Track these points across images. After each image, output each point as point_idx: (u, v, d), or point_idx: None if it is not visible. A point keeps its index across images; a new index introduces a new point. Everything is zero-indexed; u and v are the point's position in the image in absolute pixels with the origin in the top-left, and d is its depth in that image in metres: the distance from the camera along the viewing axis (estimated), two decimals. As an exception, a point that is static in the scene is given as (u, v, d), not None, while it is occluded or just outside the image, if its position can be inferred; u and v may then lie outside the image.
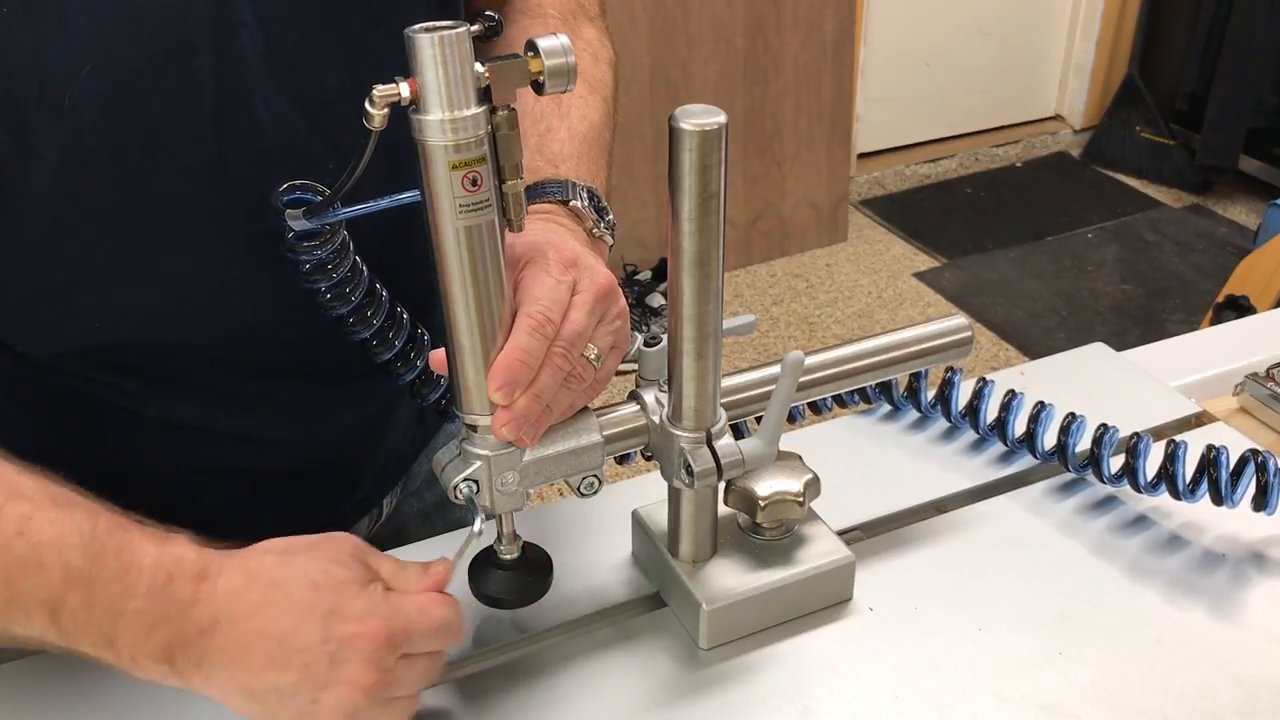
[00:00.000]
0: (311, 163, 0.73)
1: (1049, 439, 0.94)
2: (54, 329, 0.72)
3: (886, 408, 1.03)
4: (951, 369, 1.00)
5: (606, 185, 0.86)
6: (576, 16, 0.95)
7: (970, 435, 0.99)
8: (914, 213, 3.83)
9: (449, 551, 0.72)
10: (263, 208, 0.71)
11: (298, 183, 0.70)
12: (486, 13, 0.64)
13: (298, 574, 0.65)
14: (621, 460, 0.83)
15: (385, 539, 0.94)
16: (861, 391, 1.01)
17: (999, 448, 0.98)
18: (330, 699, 0.63)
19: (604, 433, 0.74)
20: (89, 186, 0.66)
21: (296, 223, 0.70)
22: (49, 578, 0.60)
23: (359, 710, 0.64)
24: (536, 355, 0.67)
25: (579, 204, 0.80)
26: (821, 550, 0.82)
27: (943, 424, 1.01)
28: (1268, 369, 1.06)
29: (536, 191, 0.80)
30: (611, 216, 0.83)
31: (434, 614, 0.67)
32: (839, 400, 0.99)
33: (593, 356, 0.69)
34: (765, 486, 0.79)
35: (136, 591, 0.61)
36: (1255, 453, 0.86)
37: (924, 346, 0.85)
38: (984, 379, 0.99)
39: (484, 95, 0.62)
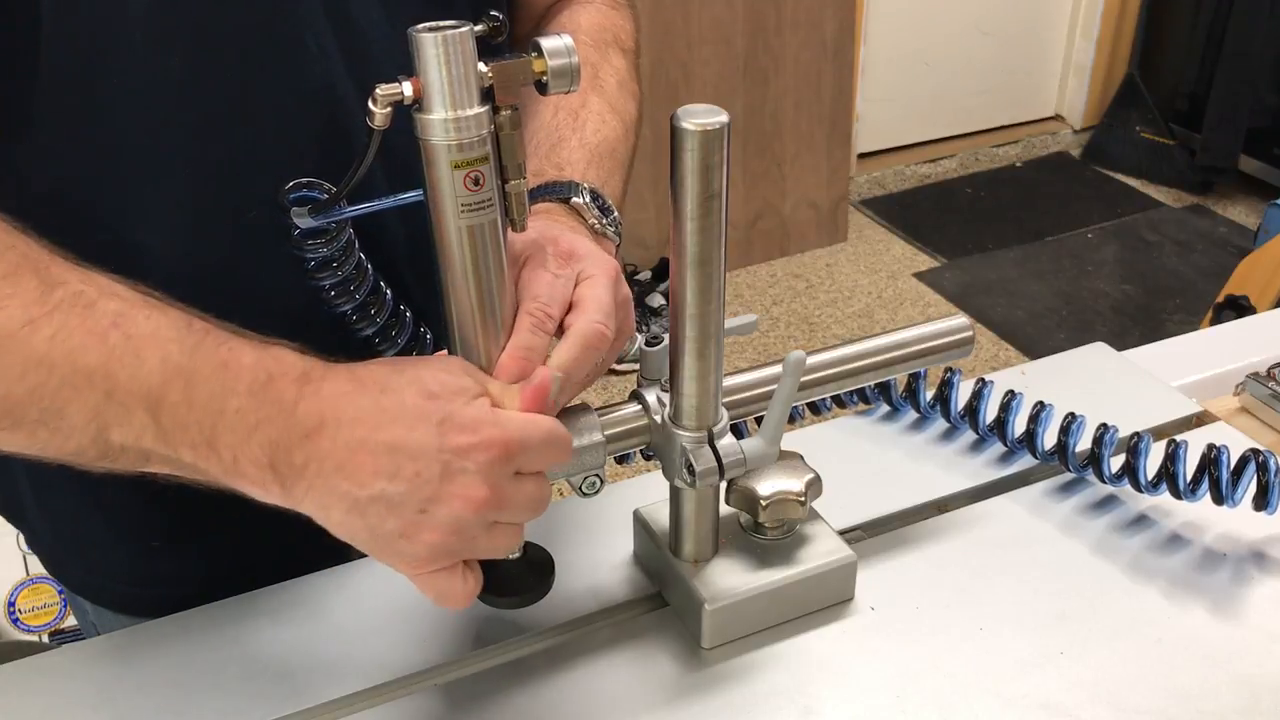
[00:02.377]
0: (345, 110, 0.75)
1: (1049, 439, 0.94)
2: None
3: (885, 408, 1.03)
4: (951, 369, 1.00)
5: (619, 196, 0.86)
6: (610, 46, 0.95)
7: (970, 435, 1.00)
8: (914, 213, 3.83)
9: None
10: (293, 150, 0.73)
11: (303, 180, 0.70)
12: (491, 12, 0.64)
13: (410, 380, 0.61)
14: (621, 460, 0.83)
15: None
16: (860, 392, 1.01)
17: (999, 447, 0.98)
18: (440, 512, 0.60)
19: (605, 432, 0.74)
20: (124, 97, 0.67)
21: (302, 220, 0.70)
22: (147, 369, 0.57)
23: (466, 527, 0.61)
24: (539, 352, 0.66)
25: (580, 200, 0.80)
26: (823, 550, 0.82)
27: (942, 424, 1.01)
28: (1268, 369, 1.06)
29: (540, 192, 0.80)
30: (617, 215, 0.83)
31: (543, 425, 0.64)
32: (838, 401, 0.99)
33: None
34: (767, 486, 0.79)
35: (237, 389, 0.58)
36: (1256, 452, 0.86)
37: (925, 346, 0.85)
38: (983, 379, 0.99)
39: (487, 95, 0.62)
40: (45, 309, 0.56)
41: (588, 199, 0.80)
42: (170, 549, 0.90)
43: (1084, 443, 0.93)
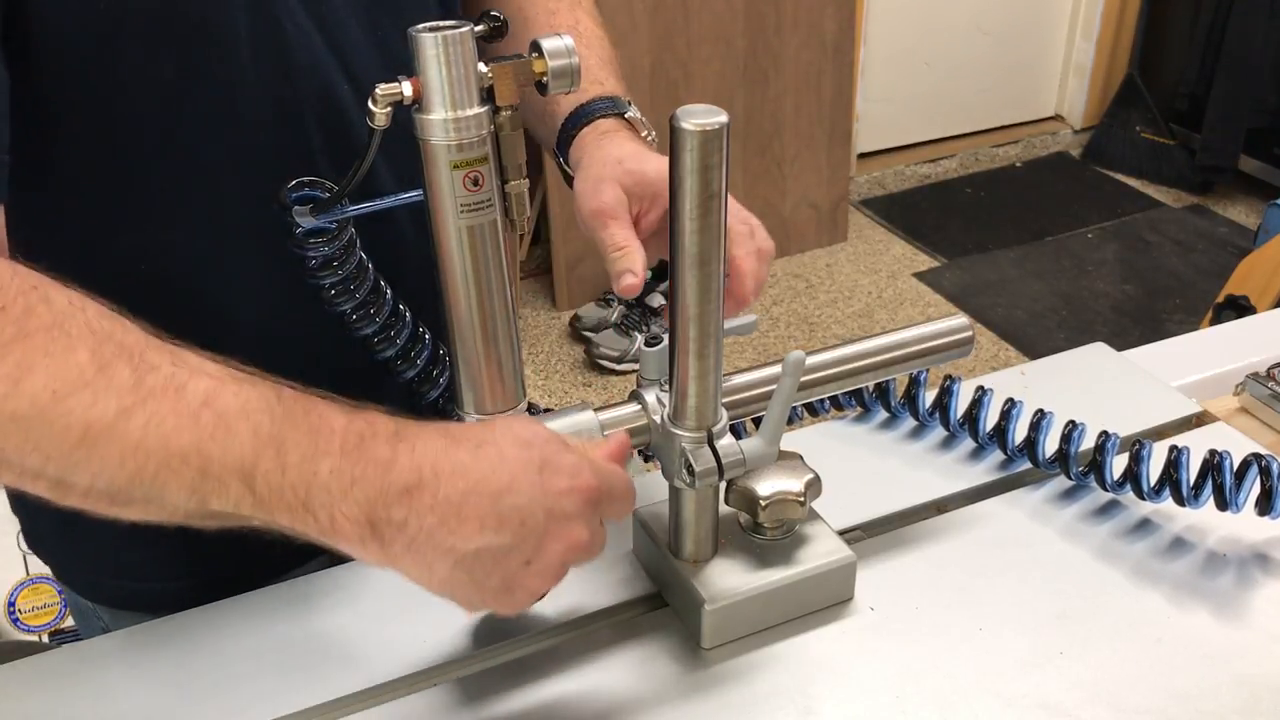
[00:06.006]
0: (330, 81, 0.77)
1: (1049, 447, 0.93)
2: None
3: (883, 415, 1.03)
4: (950, 377, 1.00)
5: None
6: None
7: (969, 442, 0.99)
8: (914, 213, 3.83)
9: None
10: (296, 134, 0.75)
11: (305, 179, 0.70)
12: (492, 13, 0.64)
13: (503, 433, 0.62)
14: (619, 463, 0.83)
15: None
16: (858, 396, 1.01)
17: (999, 453, 0.98)
18: (544, 559, 0.61)
19: (605, 432, 0.74)
20: (128, 99, 0.70)
21: (304, 219, 0.70)
22: (239, 441, 0.58)
23: (563, 569, 0.62)
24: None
25: (635, 115, 0.83)
26: (823, 550, 0.82)
27: (941, 431, 1.01)
28: (1268, 369, 1.06)
29: (588, 110, 0.82)
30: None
31: (624, 476, 0.66)
32: (835, 403, 0.99)
33: None
34: (766, 486, 0.79)
35: (330, 449, 0.59)
36: (1259, 456, 0.86)
37: (925, 346, 0.85)
38: (982, 387, 0.98)
39: (487, 95, 0.62)
40: (139, 397, 0.57)
41: (639, 113, 0.82)
42: (168, 543, 0.90)
43: (1084, 447, 0.92)
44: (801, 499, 0.80)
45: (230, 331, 0.79)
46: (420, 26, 0.59)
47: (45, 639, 1.92)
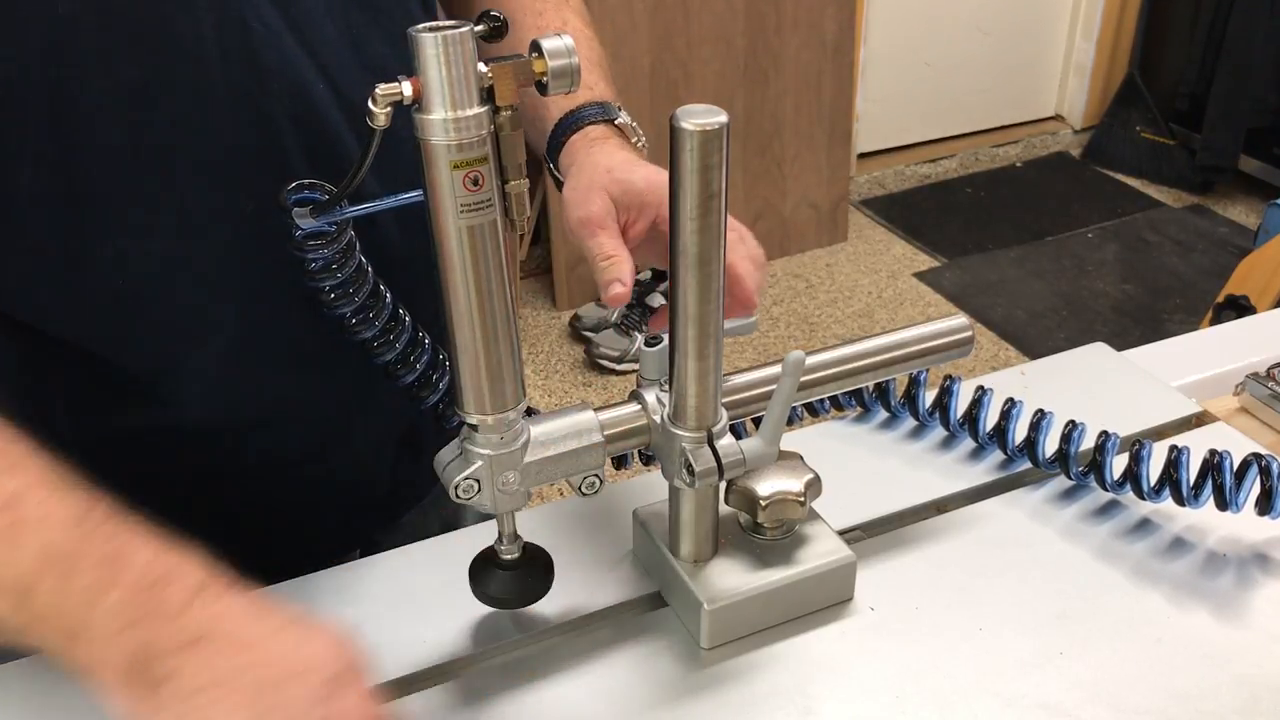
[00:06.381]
0: (304, 80, 0.76)
1: (1049, 447, 0.93)
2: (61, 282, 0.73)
3: (883, 415, 1.03)
4: (950, 377, 1.00)
5: None
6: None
7: (969, 442, 0.99)
8: (914, 213, 3.83)
9: (449, 552, 0.72)
10: (270, 134, 0.74)
11: (305, 181, 0.70)
12: (492, 13, 0.64)
13: (318, 627, 0.59)
14: (619, 465, 0.83)
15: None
16: (858, 396, 1.01)
17: (999, 453, 0.98)
18: None
19: (605, 432, 0.74)
20: (93, 107, 0.68)
21: (304, 221, 0.70)
22: (21, 555, 0.55)
23: None
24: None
25: (626, 121, 0.82)
26: (822, 550, 0.82)
27: (941, 431, 1.01)
28: (1268, 369, 1.06)
29: (577, 116, 0.82)
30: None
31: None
32: (835, 404, 0.99)
33: None
34: (766, 486, 0.79)
35: (119, 581, 0.55)
36: (1258, 456, 0.86)
37: (925, 346, 0.85)
38: (982, 387, 0.98)
39: (487, 95, 0.62)
40: None
41: (629, 119, 0.82)
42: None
43: (1084, 447, 0.92)
44: (801, 499, 0.80)
45: (208, 338, 0.80)
46: (420, 26, 0.59)
47: (45, 639, 1.91)
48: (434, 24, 0.59)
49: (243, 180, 0.76)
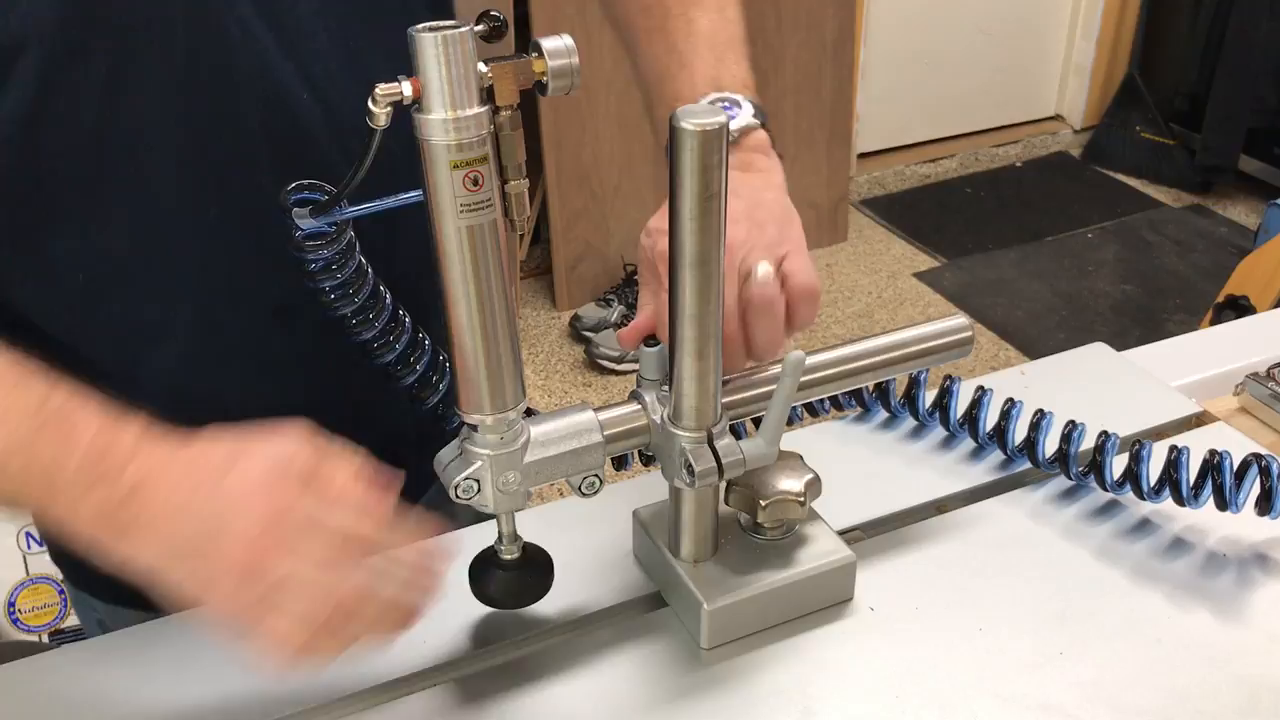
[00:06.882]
0: (284, 88, 0.76)
1: (1049, 447, 0.93)
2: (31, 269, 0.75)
3: (883, 415, 1.03)
4: (950, 377, 1.00)
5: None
6: None
7: (969, 442, 0.99)
8: (914, 213, 3.83)
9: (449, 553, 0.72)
10: (239, 140, 0.74)
11: (305, 182, 0.70)
12: (492, 12, 0.64)
13: (253, 438, 0.65)
14: (619, 465, 0.83)
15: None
16: (858, 396, 1.01)
17: (999, 453, 0.98)
18: (228, 549, 0.62)
19: (605, 432, 0.74)
20: (59, 102, 0.69)
21: (304, 221, 0.70)
22: None
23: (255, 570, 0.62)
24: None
25: (746, 121, 0.85)
26: (822, 550, 0.82)
27: (941, 431, 1.01)
28: (1268, 369, 1.06)
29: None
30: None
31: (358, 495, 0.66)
32: (835, 403, 0.99)
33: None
34: (766, 486, 0.79)
35: (73, 455, 0.62)
36: (1258, 456, 0.86)
37: (925, 346, 0.85)
38: (982, 387, 0.98)
39: (487, 95, 0.62)
40: None
41: (751, 113, 0.85)
42: None
43: (1084, 447, 0.92)
44: (801, 499, 0.80)
45: (163, 340, 0.80)
46: (420, 26, 0.59)
47: (45, 639, 1.92)
48: (433, 24, 0.59)
49: (209, 183, 0.76)
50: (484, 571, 0.78)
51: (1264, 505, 0.86)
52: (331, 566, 0.63)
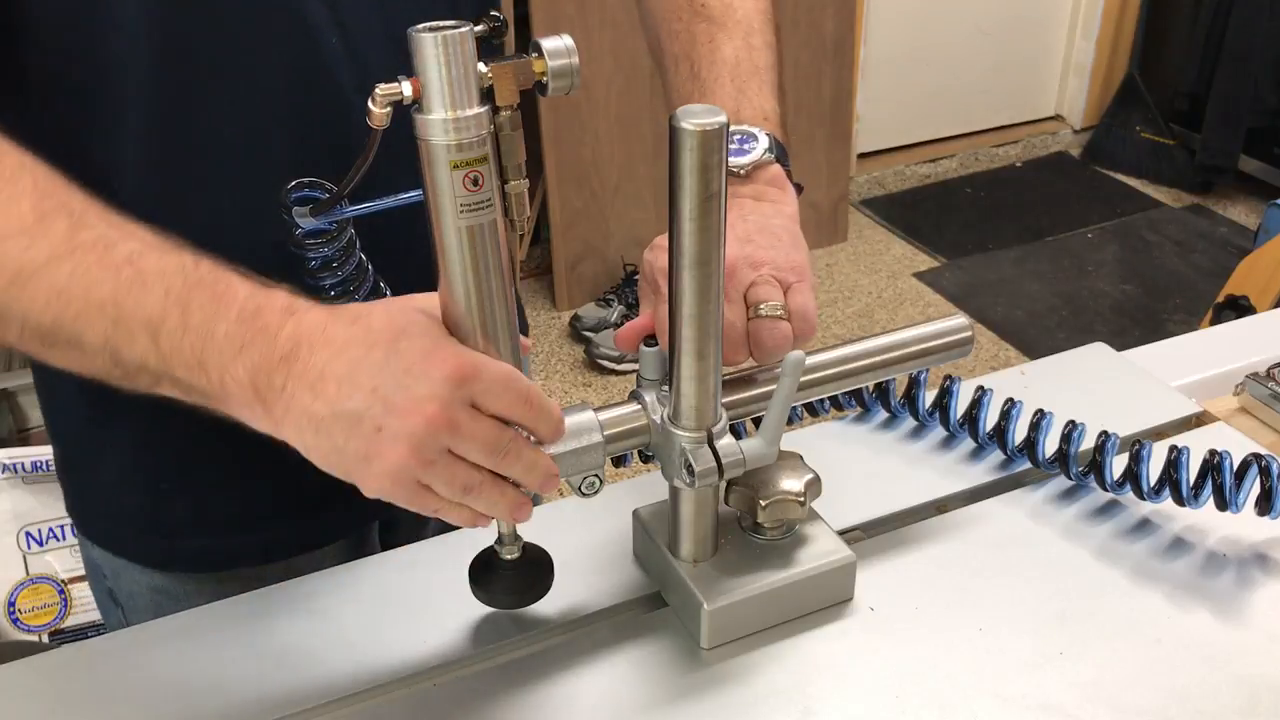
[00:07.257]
0: (313, 28, 0.78)
1: (1049, 447, 0.93)
2: None
3: (883, 415, 1.03)
4: (950, 377, 1.00)
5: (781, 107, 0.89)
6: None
7: (969, 442, 0.99)
8: (914, 213, 3.83)
9: (449, 553, 0.72)
10: (264, 74, 0.77)
11: (305, 180, 0.70)
12: (493, 12, 0.64)
13: (380, 308, 0.66)
14: (618, 464, 0.83)
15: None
16: (858, 396, 1.01)
17: (998, 453, 0.98)
18: (394, 425, 0.62)
19: (605, 432, 0.74)
20: (114, 63, 0.73)
21: (304, 220, 0.70)
22: (151, 298, 0.64)
23: (422, 446, 0.63)
24: None
25: (757, 157, 0.83)
26: (822, 550, 0.82)
27: (941, 431, 1.01)
28: (1268, 369, 1.06)
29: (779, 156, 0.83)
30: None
31: (503, 365, 0.67)
32: (835, 403, 0.99)
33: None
34: (766, 486, 0.79)
35: (227, 316, 0.64)
36: (1258, 456, 0.86)
37: (925, 346, 0.85)
38: (982, 388, 0.98)
39: (487, 95, 0.62)
40: (69, 248, 0.64)
41: (765, 146, 0.83)
42: (178, 494, 0.91)
43: (1084, 447, 0.92)
44: (801, 499, 0.80)
45: None
46: (420, 26, 0.59)
47: (45, 639, 1.92)
48: (433, 24, 0.59)
49: (266, 160, 0.78)
50: (484, 572, 0.78)
51: (1264, 505, 0.86)
52: (497, 439, 0.66)
